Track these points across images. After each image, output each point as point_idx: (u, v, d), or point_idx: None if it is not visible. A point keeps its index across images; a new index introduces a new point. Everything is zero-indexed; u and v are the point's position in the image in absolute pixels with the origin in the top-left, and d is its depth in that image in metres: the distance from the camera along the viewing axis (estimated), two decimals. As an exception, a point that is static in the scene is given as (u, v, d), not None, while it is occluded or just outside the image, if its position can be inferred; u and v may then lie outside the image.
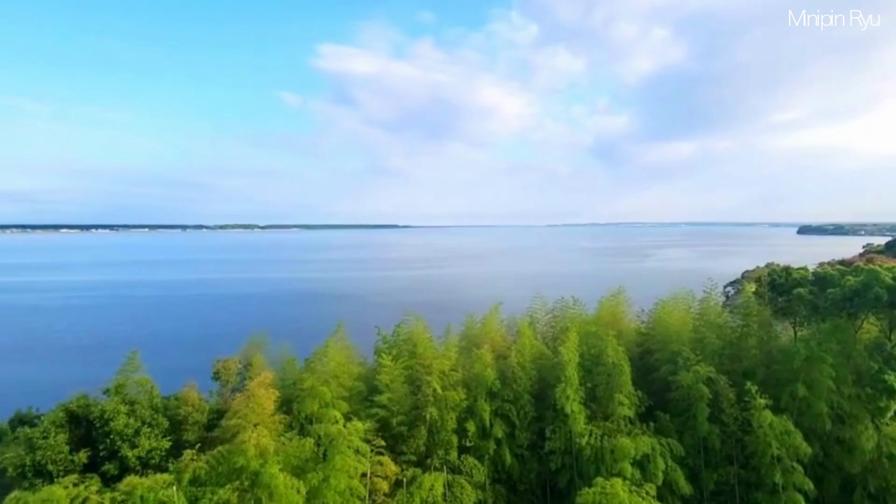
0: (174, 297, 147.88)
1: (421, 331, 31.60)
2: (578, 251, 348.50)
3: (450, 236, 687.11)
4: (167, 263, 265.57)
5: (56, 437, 20.71)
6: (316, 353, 29.96)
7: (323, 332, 31.09)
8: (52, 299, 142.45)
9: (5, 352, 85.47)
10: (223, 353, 36.86)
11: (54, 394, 36.80)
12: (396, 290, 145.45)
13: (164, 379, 28.96)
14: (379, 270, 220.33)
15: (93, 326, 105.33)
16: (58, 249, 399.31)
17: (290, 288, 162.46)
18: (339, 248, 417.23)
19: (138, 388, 26.21)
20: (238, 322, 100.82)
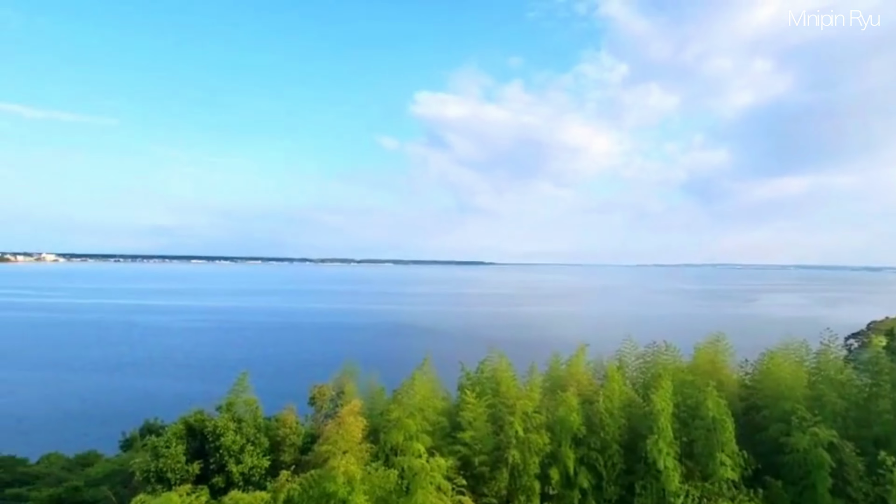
0: (280, 323, 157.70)
1: (505, 368, 31.00)
2: (671, 292, 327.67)
3: (535, 274, 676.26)
4: (275, 293, 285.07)
5: (176, 447, 22.41)
6: (403, 385, 30.36)
7: (410, 364, 31.58)
8: (180, 321, 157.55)
9: (140, 366, 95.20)
10: (319, 378, 38.47)
11: (176, 406, 40.34)
12: (481, 326, 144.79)
13: (266, 400, 30.74)
14: (465, 306, 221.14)
15: (211, 347, 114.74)
16: (187, 277, 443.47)
17: (381, 320, 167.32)
18: (428, 282, 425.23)
19: (245, 408, 27.76)
20: (333, 350, 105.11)
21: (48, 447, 39.81)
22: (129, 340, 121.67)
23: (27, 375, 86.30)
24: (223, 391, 34.13)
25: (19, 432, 56.18)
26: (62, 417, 63.81)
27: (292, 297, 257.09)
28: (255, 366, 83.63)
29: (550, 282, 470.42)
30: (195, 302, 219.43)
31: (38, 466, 33.39)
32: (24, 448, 39.27)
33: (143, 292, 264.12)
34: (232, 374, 32.96)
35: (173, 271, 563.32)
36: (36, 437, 52.60)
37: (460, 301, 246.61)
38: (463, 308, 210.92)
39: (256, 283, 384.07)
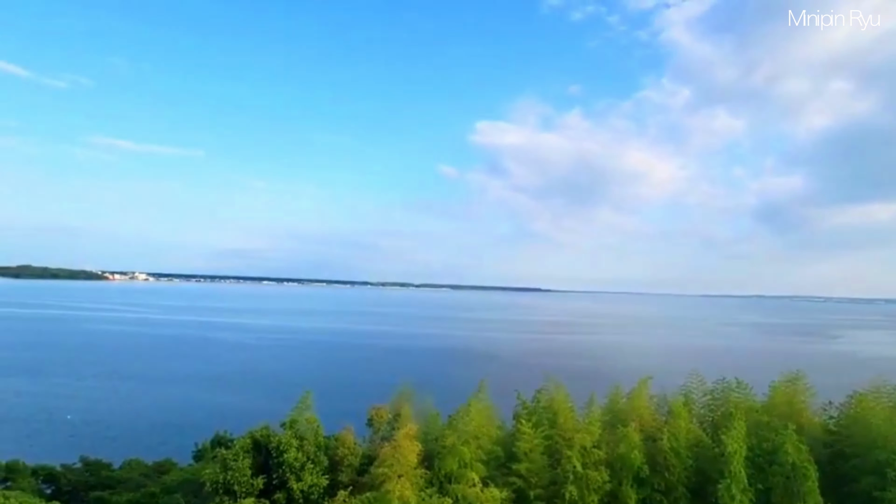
0: (341, 343, 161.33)
1: (562, 399, 29.84)
2: (741, 325, 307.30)
3: (594, 302, 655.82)
4: (337, 314, 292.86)
5: (243, 461, 23.13)
6: (458, 411, 29.97)
7: (465, 390, 31.13)
8: (250, 339, 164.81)
9: (213, 380, 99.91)
10: (376, 400, 38.67)
11: (244, 420, 41.88)
12: (537, 354, 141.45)
13: (326, 419, 31.22)
14: (521, 333, 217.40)
15: (277, 364, 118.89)
16: (258, 297, 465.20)
17: (437, 344, 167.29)
18: (485, 308, 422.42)
19: (307, 426, 28.27)
20: (390, 372, 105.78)
21: (130, 453, 42.25)
22: (205, 356, 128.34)
23: (117, 385, 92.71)
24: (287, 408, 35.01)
25: (107, 438, 60.03)
26: (144, 426, 67.70)
27: (353, 318, 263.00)
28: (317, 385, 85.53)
29: (610, 310, 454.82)
30: (264, 321, 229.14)
31: (121, 472, 35.48)
32: (110, 453, 41.92)
33: (219, 311, 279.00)
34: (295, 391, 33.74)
35: (246, 291, 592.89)
36: (120, 444, 55.98)
37: (517, 328, 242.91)
38: (519, 335, 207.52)
39: (320, 304, 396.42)
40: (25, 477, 33.21)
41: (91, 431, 63.79)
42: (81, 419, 69.89)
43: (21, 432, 63.06)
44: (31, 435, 61.81)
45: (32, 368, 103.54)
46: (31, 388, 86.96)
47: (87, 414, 72.76)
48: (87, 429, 65.28)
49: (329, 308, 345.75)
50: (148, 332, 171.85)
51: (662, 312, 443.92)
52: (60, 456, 41.04)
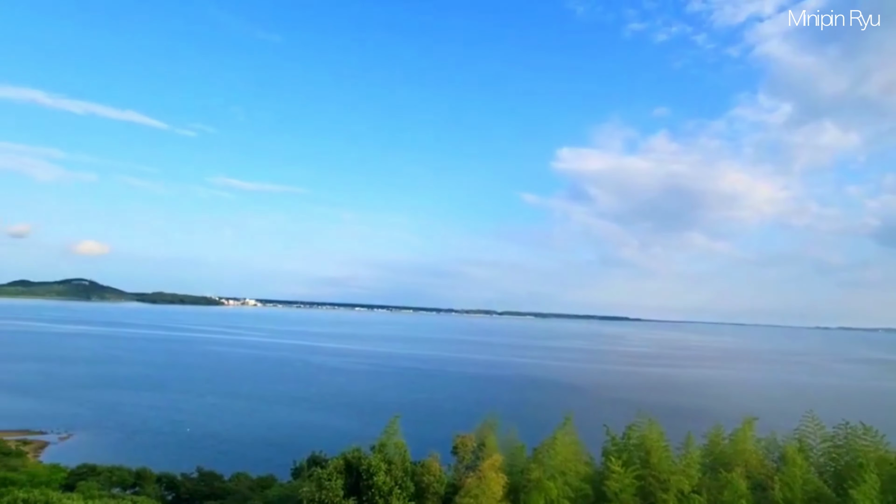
0: (427, 370, 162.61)
1: (655, 437, 27.51)
2: (863, 362, 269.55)
3: (687, 333, 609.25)
4: (424, 341, 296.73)
5: (336, 481, 23.58)
6: (544, 444, 28.73)
7: (549, 422, 29.86)
8: (344, 363, 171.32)
9: (311, 401, 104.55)
10: (460, 428, 38.15)
11: (336, 441, 43.15)
12: (625, 387, 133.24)
13: (412, 444, 31.30)
14: (607, 364, 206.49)
15: (367, 388, 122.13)
16: (351, 323, 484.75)
17: (521, 373, 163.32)
18: (569, 336, 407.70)
19: (395, 450, 28.35)
20: (474, 400, 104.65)
21: (238, 467, 44.98)
22: (304, 377, 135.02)
23: (230, 402, 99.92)
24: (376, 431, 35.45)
25: (219, 452, 64.47)
26: (250, 442, 72.03)
27: (438, 345, 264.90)
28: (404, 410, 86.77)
29: (705, 342, 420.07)
30: (356, 346, 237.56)
31: (230, 483, 37.76)
32: (221, 465, 44.90)
33: (316, 335, 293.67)
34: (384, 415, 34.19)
35: (339, 317, 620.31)
36: (231, 457, 59.80)
37: (603, 358, 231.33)
38: (606, 366, 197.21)
39: (408, 331, 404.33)
40: (151, 483, 36.37)
41: (206, 444, 68.83)
42: (199, 432, 75.80)
43: (150, 442, 69.57)
44: (157, 445, 67.94)
45: (161, 384, 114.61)
46: (159, 403, 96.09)
47: (204, 428, 78.84)
48: (204, 442, 70.56)
49: (416, 335, 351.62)
50: (255, 354, 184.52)
51: (766, 346, 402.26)
52: (180, 465, 44.60)
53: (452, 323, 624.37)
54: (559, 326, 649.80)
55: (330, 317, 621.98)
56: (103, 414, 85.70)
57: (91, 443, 68.61)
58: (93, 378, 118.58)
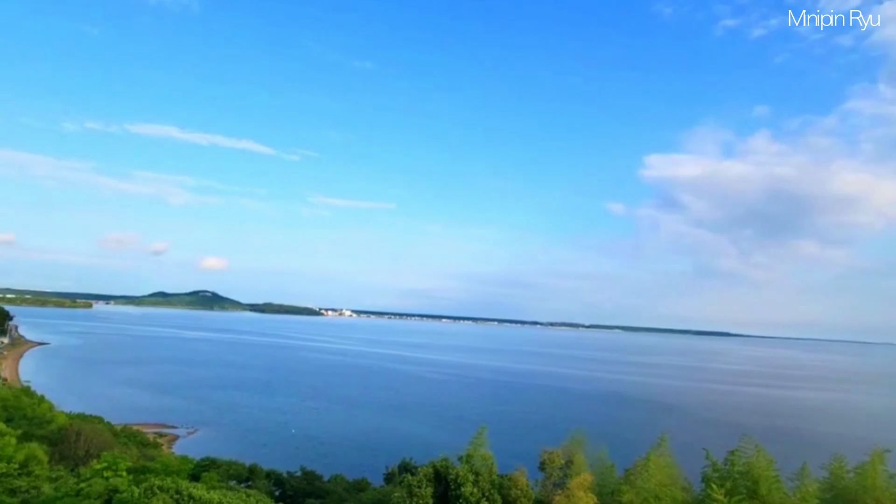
0: (511, 383, 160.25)
1: (763, 465, 24.84)
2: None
3: (798, 350, 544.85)
4: (509, 353, 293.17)
5: (425, 489, 23.87)
6: (636, 465, 27.04)
7: (641, 442, 28.11)
8: (430, 373, 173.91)
9: (399, 409, 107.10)
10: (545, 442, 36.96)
11: (424, 449, 43.83)
12: (727, 408, 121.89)
13: (497, 456, 30.91)
14: (705, 382, 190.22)
15: (453, 399, 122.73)
16: (437, 334, 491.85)
17: (609, 389, 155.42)
18: (662, 352, 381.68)
19: (482, 462, 28.13)
20: (560, 415, 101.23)
21: (335, 468, 47.13)
22: (394, 386, 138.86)
23: (328, 406, 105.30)
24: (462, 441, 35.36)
25: (319, 453, 67.92)
26: (346, 445, 75.18)
27: (523, 358, 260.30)
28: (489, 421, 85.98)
29: (819, 361, 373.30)
30: (442, 357, 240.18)
31: (328, 484, 39.64)
32: (321, 466, 47.30)
33: (405, 345, 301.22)
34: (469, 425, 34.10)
35: (427, 328, 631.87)
36: (329, 459, 62.83)
37: (700, 376, 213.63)
38: (703, 384, 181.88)
39: (492, 343, 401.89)
40: (261, 478, 39.17)
41: (308, 445, 72.86)
42: (302, 434, 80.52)
43: (260, 440, 75.04)
44: (266, 443, 73.08)
45: (270, 388, 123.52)
46: (268, 404, 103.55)
47: (306, 430, 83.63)
48: (306, 443, 74.78)
49: (500, 347, 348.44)
50: (350, 362, 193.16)
51: (893, 367, 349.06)
52: (285, 463, 47.65)
53: (537, 335, 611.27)
54: (650, 341, 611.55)
55: (417, 327, 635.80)
56: (222, 412, 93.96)
57: (212, 438, 75.38)
58: (214, 379, 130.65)
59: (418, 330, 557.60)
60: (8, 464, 29.74)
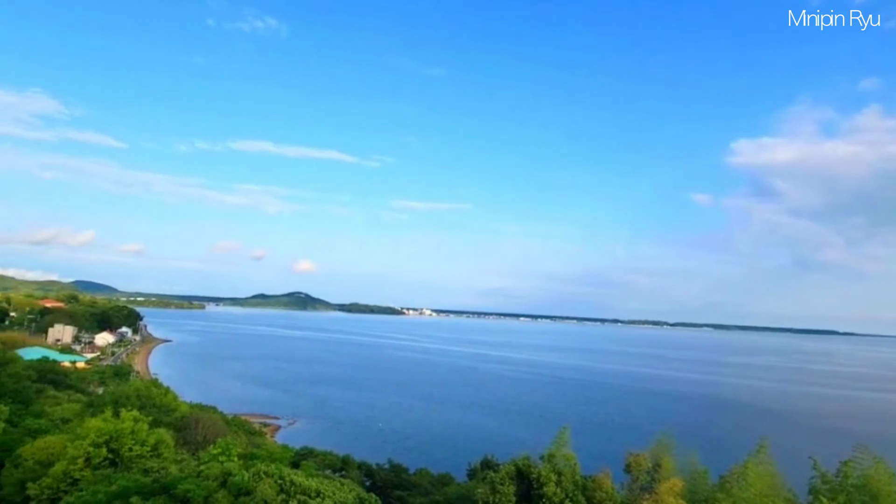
0: (593, 382, 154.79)
1: (884, 479, 22.05)
2: None
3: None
4: (588, 352, 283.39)
5: (508, 486, 23.84)
6: (733, 472, 25.05)
7: (737, 448, 25.99)
8: (509, 371, 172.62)
9: (479, 406, 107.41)
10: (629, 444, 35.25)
11: (505, 447, 43.63)
12: (838, 414, 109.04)
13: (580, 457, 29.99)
14: (812, 385, 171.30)
15: (533, 397, 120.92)
16: (516, 332, 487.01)
17: (700, 390, 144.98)
18: (759, 352, 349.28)
19: (564, 462, 27.51)
20: (645, 416, 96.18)
21: (420, 462, 48.23)
22: (474, 383, 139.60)
23: (412, 403, 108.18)
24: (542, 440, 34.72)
25: (405, 447, 69.92)
26: (429, 440, 76.73)
27: (604, 357, 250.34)
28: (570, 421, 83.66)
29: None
30: (521, 355, 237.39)
31: (414, 477, 40.70)
32: (406, 459, 48.68)
33: (484, 344, 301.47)
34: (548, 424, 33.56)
35: (505, 327, 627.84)
36: (414, 453, 64.41)
37: (805, 378, 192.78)
38: (808, 388, 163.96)
39: (571, 341, 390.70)
40: (353, 469, 41.10)
41: (394, 439, 75.29)
42: (388, 428, 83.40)
43: (351, 432, 78.75)
44: (356, 436, 76.54)
45: (358, 383, 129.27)
46: (357, 399, 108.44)
47: (392, 424, 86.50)
48: (392, 437, 77.35)
49: (580, 346, 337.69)
50: (431, 360, 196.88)
51: None
52: (374, 455, 49.58)
53: (618, 334, 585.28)
54: (745, 340, 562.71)
55: (496, 326, 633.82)
56: (317, 406, 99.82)
57: (309, 429, 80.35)
58: (309, 375, 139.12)
59: (497, 328, 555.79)
60: (142, 447, 33.69)
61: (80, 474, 30.74)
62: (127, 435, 33.70)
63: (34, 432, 36.86)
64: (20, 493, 31.31)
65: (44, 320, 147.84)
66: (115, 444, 32.99)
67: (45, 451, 32.47)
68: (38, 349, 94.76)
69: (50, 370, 67.22)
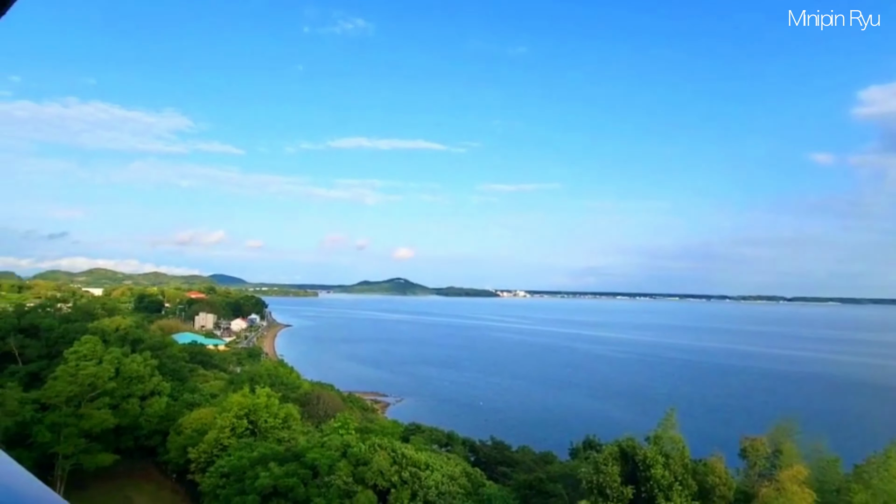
0: (699, 362, 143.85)
1: None
2: None
3: None
4: (692, 330, 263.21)
5: (612, 467, 23.37)
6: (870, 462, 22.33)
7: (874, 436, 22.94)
8: (608, 351, 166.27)
9: (578, 387, 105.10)
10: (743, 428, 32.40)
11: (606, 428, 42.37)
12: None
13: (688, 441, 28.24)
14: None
15: (634, 378, 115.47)
16: (613, 312, 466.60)
17: (825, 371, 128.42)
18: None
19: (671, 444, 26.33)
20: (760, 399, 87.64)
21: (520, 441, 48.55)
22: (571, 363, 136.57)
23: (511, 383, 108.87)
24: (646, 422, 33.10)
25: (505, 426, 70.66)
26: (529, 419, 76.83)
27: (710, 335, 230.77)
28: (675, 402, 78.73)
29: None
30: (620, 335, 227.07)
31: (516, 454, 41.21)
32: (507, 437, 49.31)
33: (580, 324, 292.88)
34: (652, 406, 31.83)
35: (601, 306, 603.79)
36: (515, 431, 64.88)
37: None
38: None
39: (675, 319, 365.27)
40: (458, 444, 42.62)
41: (495, 418, 76.43)
42: (489, 407, 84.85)
43: (453, 410, 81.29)
44: (458, 413, 78.84)
45: (458, 364, 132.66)
46: (457, 379, 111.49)
47: (492, 403, 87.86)
48: (493, 415, 78.58)
49: (683, 324, 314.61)
50: (527, 340, 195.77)
51: None
52: (476, 433, 50.86)
53: (727, 311, 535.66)
54: (881, 314, 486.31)
55: (592, 305, 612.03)
56: (421, 384, 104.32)
57: (415, 406, 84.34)
58: (412, 356, 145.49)
59: (593, 308, 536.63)
60: (275, 419, 37.87)
61: (227, 441, 35.41)
62: (262, 408, 38.09)
63: (190, 405, 43.04)
64: (182, 457, 36.96)
65: (191, 309, 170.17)
66: (253, 416, 37.47)
67: (199, 421, 37.86)
68: (188, 334, 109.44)
69: (198, 352, 77.47)
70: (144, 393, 42.49)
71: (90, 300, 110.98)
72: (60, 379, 37.97)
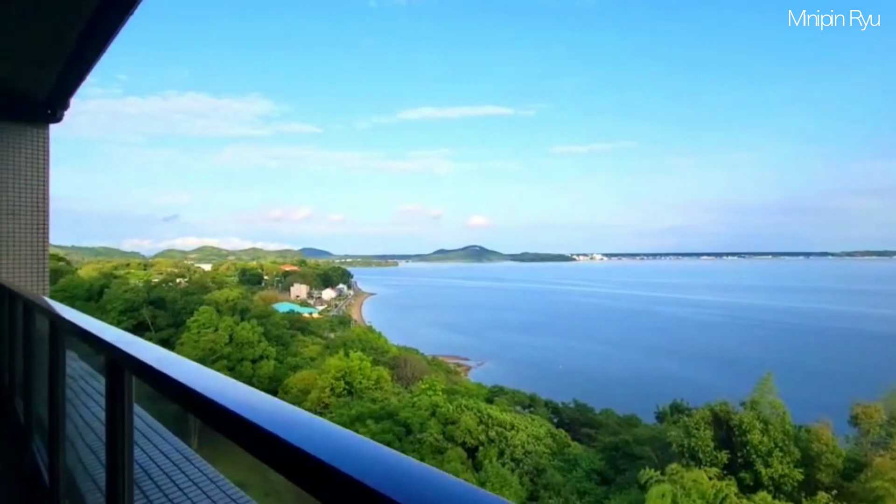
0: (794, 325, 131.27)
1: None
2: None
3: None
4: (790, 290, 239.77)
5: (704, 431, 22.61)
6: None
7: None
8: (694, 314, 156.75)
9: (663, 350, 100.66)
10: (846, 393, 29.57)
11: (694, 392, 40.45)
12: None
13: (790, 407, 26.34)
14: None
15: (722, 341, 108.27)
16: (698, 273, 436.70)
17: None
18: None
19: (771, 410, 24.93)
20: (870, 363, 78.52)
21: (603, 404, 47.91)
22: (654, 327, 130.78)
23: (591, 346, 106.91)
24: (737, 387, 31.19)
25: (586, 390, 69.62)
26: (611, 382, 75.26)
27: (812, 295, 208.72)
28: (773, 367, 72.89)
29: None
30: (706, 297, 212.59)
31: (599, 416, 40.86)
32: (589, 399, 48.88)
33: (661, 286, 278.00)
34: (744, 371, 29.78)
35: (685, 267, 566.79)
36: (596, 395, 63.99)
37: None
38: None
39: (768, 279, 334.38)
40: (541, 406, 43.07)
41: (575, 381, 75.72)
42: (568, 369, 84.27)
43: (533, 374, 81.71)
44: (538, 377, 79.09)
45: (536, 328, 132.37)
46: (535, 343, 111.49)
47: (572, 366, 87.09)
48: (573, 377, 77.96)
49: (778, 284, 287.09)
50: (606, 304, 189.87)
51: None
52: (557, 395, 50.94)
53: (829, 269, 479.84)
54: None
55: (674, 267, 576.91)
56: (501, 349, 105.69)
57: (496, 370, 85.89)
58: (491, 321, 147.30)
59: (675, 270, 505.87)
60: (368, 381, 40.59)
61: (328, 400, 38.66)
62: (356, 371, 40.94)
63: (294, 368, 47.28)
64: (292, 413, 40.93)
65: (286, 281, 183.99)
66: (349, 378, 40.44)
67: (303, 382, 41.57)
68: (286, 304, 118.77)
69: (297, 320, 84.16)
70: (255, 357, 47.31)
71: (202, 275, 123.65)
72: (186, 345, 43.36)
